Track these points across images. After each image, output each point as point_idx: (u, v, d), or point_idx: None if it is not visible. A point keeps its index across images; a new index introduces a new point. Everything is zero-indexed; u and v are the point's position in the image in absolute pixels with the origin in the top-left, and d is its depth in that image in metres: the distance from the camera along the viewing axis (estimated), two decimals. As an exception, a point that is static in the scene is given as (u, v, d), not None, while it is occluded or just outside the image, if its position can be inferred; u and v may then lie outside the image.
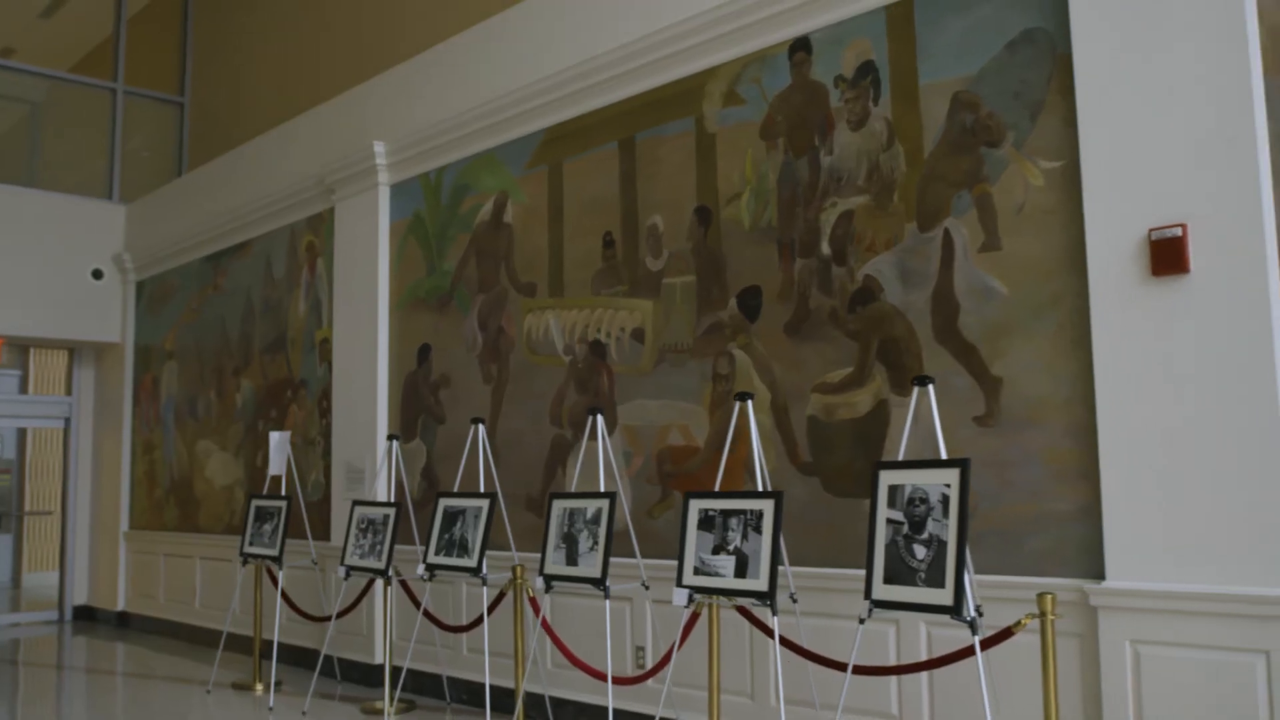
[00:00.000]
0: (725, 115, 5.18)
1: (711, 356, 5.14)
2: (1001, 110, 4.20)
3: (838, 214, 4.69)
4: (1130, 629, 3.66)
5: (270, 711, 6.30)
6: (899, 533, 3.66)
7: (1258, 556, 3.42)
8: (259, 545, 6.82)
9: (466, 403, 6.48)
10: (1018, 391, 4.08)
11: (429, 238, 6.87)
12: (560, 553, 4.87)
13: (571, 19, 5.96)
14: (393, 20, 8.50)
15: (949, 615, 3.46)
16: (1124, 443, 3.71)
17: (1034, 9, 4.13)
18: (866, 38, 4.65)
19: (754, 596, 4.00)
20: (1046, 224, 4.05)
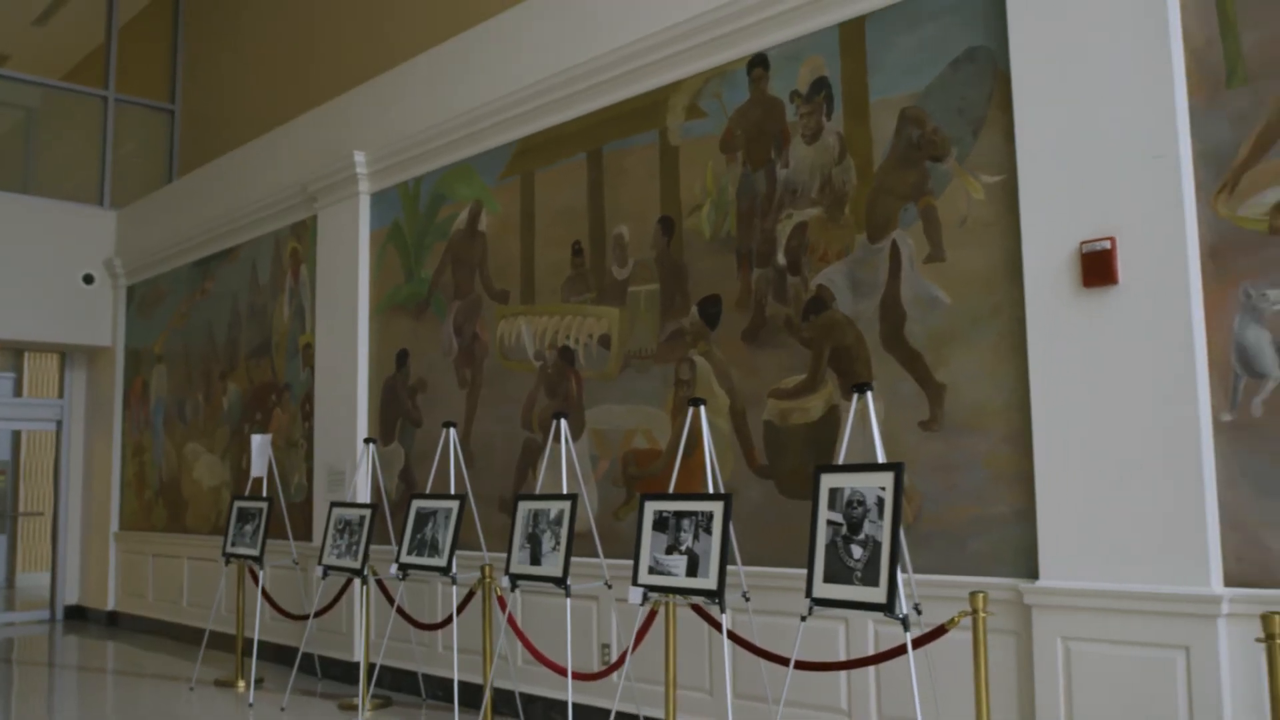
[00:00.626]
0: (688, 128, 5.34)
1: (674, 362, 5.29)
2: (946, 126, 4.35)
3: (792, 225, 4.84)
4: (1061, 626, 3.81)
5: (250, 708, 6.45)
6: (838, 533, 3.81)
7: (1179, 557, 3.57)
8: (241, 545, 6.97)
9: (442, 407, 6.64)
10: (960, 398, 4.23)
11: (407, 245, 7.03)
12: (525, 553, 5.03)
13: (542, 33, 6.12)
14: (376, 31, 8.66)
15: (882, 613, 3.61)
16: (1057, 448, 3.86)
17: (977, 28, 4.28)
18: (821, 55, 4.80)
19: (704, 595, 4.15)
20: (987, 236, 4.20)
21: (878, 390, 4.47)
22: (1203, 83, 3.70)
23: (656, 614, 4.68)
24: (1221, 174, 3.63)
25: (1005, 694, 3.99)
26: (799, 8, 4.83)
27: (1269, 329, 3.51)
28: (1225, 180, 3.63)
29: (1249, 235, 3.57)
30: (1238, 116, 3.62)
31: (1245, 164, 3.59)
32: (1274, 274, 3.51)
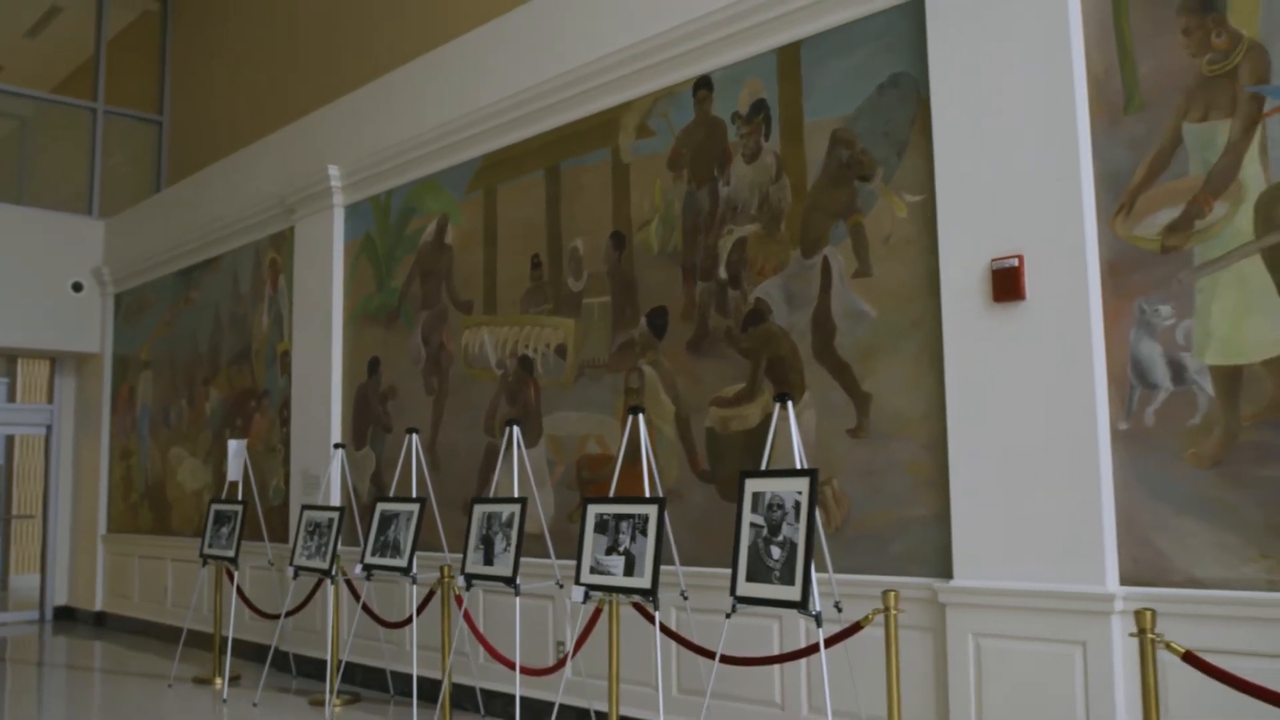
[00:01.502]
0: (638, 147, 5.56)
1: (624, 371, 5.51)
2: (873, 147, 4.57)
3: (733, 240, 5.07)
4: (972, 623, 4.03)
5: (224, 704, 6.67)
6: (760, 535, 4.03)
7: (1078, 557, 3.78)
8: (217, 547, 7.20)
9: (411, 413, 6.86)
10: (884, 407, 4.45)
11: (379, 257, 7.26)
12: (479, 554, 5.25)
13: (505, 54, 6.35)
14: (354, 47, 8.89)
15: (797, 610, 3.82)
16: (969, 455, 4.08)
17: (902, 55, 4.50)
18: (760, 78, 5.03)
19: (639, 593, 4.37)
20: (909, 253, 4.42)
21: (810, 399, 4.69)
22: (1103, 110, 3.92)
23: (601, 612, 4.90)
24: (1119, 196, 3.85)
25: (923, 686, 4.21)
26: (740, 33, 5.05)
27: (1160, 343, 3.73)
28: (1123, 202, 3.84)
29: (1144, 254, 3.79)
30: (1134, 142, 3.84)
31: (1140, 187, 3.81)
32: (1165, 291, 3.72)
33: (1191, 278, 3.68)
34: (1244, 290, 3.56)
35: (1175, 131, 3.75)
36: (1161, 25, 3.80)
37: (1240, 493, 3.52)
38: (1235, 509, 3.53)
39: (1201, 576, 3.59)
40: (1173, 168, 3.74)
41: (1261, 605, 3.43)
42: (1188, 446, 3.64)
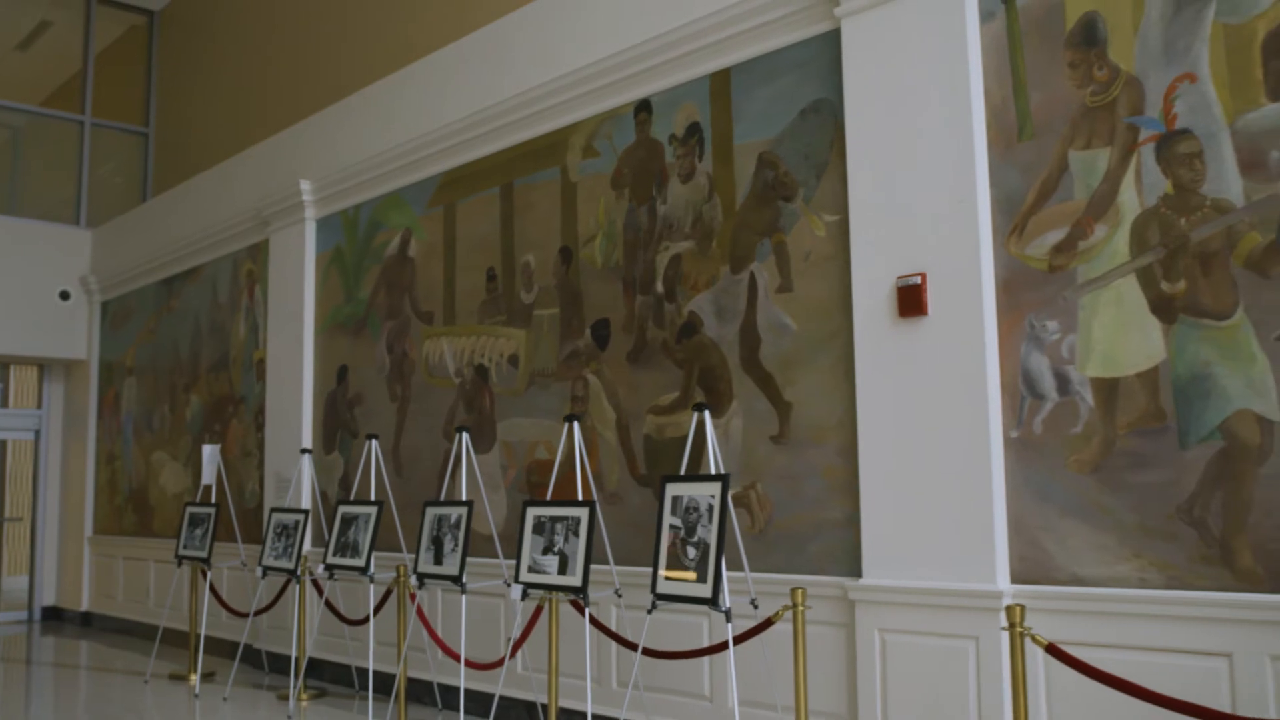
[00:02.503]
0: (584, 166, 5.83)
1: (570, 380, 5.78)
2: (795, 169, 4.84)
3: (669, 256, 5.33)
4: (878, 619, 4.28)
5: (196, 699, 6.93)
6: (678, 536, 4.29)
7: (972, 557, 4.04)
8: (191, 548, 7.47)
9: (376, 419, 7.13)
10: (804, 415, 4.71)
11: (347, 268, 7.53)
12: (430, 554, 5.51)
13: (464, 75, 6.62)
14: (326, 64, 9.16)
15: (708, 606, 4.08)
16: (877, 460, 4.34)
17: (822, 82, 4.76)
18: (694, 102, 5.29)
19: (571, 591, 4.63)
20: (827, 270, 4.68)
21: (738, 408, 4.95)
22: (999, 137, 4.18)
23: (542, 609, 5.16)
24: (1012, 218, 4.11)
25: (836, 679, 4.46)
26: (677, 59, 5.32)
27: (1048, 356, 3.98)
28: (1015, 223, 4.10)
29: (1034, 272, 4.04)
30: (1026, 167, 4.09)
31: (1031, 209, 4.07)
32: (1053, 307, 3.98)
33: (1075, 295, 3.93)
34: (1121, 307, 3.82)
35: (1062, 158, 4.01)
36: (1051, 59, 4.06)
37: (1116, 497, 3.77)
38: (1111, 512, 3.78)
39: (1082, 575, 3.84)
40: (1060, 192, 4.00)
41: (1133, 601, 3.68)
42: (1071, 453, 3.89)
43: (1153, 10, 3.82)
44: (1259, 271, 3.52)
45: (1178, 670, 3.57)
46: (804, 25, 4.81)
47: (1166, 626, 3.61)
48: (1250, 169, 3.57)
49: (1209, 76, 3.68)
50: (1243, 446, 3.51)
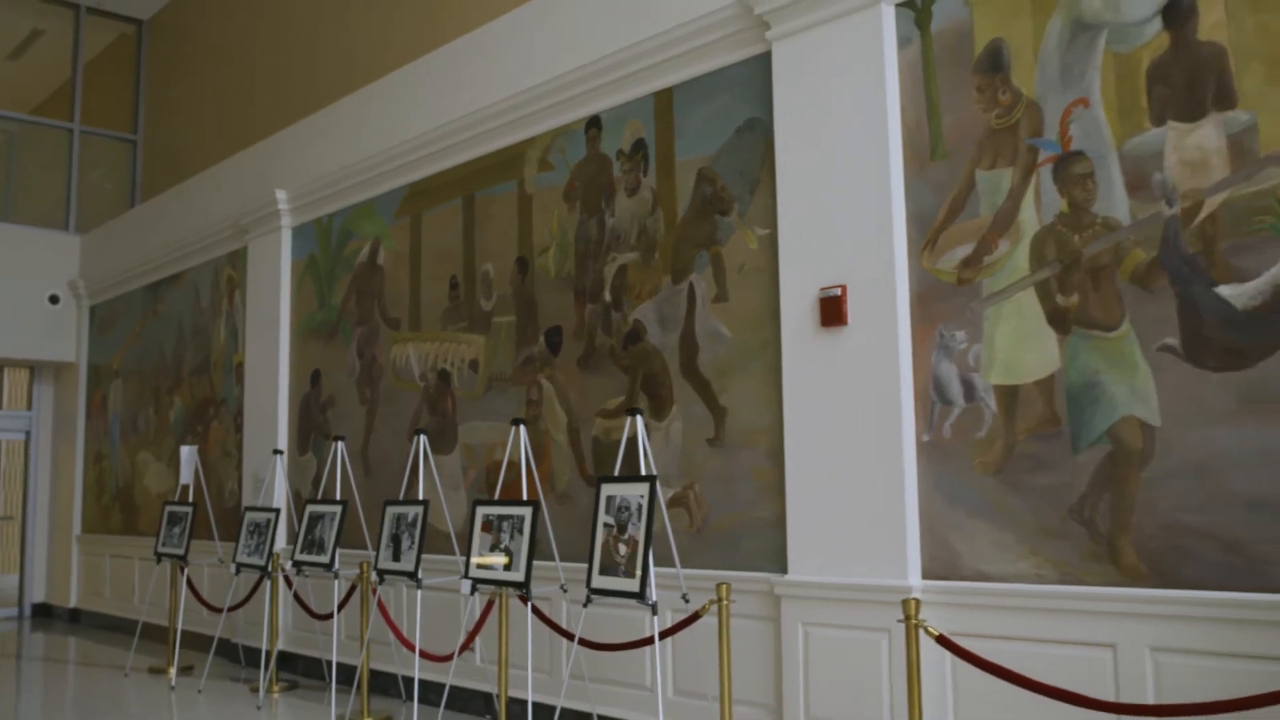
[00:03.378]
0: (539, 179, 6.07)
1: (525, 385, 6.02)
2: (731, 184, 5.07)
3: (616, 267, 5.57)
4: (802, 614, 4.52)
5: (172, 690, 7.19)
6: (611, 534, 4.53)
7: (886, 554, 4.27)
8: (170, 545, 7.72)
9: (347, 421, 7.38)
10: (738, 419, 4.94)
11: (321, 275, 7.78)
12: (389, 551, 5.75)
13: (428, 90, 6.86)
14: (303, 76, 9.41)
15: (635, 600, 4.32)
16: (801, 462, 4.57)
17: (755, 102, 5.00)
18: (640, 119, 5.53)
19: (514, 585, 4.87)
20: (758, 281, 4.91)
21: (678, 412, 5.19)
22: (914, 156, 4.41)
23: (493, 604, 5.40)
24: (925, 233, 4.34)
25: (764, 669, 4.69)
26: (624, 77, 5.55)
27: (956, 364, 4.22)
28: (928, 239, 4.34)
29: (944, 285, 4.28)
30: (938, 186, 4.33)
31: (942, 225, 4.31)
32: (961, 318, 4.21)
33: (980, 307, 4.17)
34: (1021, 319, 4.05)
35: (970, 177, 4.24)
36: (960, 83, 4.29)
37: (1016, 497, 4.01)
38: (1011, 512, 4.02)
39: (986, 571, 4.07)
40: (968, 209, 4.23)
41: (1030, 596, 3.91)
42: (976, 456, 4.13)
43: (1051, 38, 4.06)
44: (1143, 286, 3.75)
45: (1069, 660, 3.80)
46: (738, 48, 5.04)
47: (1059, 620, 3.84)
48: (1136, 189, 3.80)
49: (1100, 102, 3.91)
50: (1127, 450, 3.74)
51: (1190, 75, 3.70)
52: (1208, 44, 3.67)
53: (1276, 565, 3.39)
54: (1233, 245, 3.56)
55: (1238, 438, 3.50)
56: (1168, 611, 3.59)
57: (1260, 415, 3.46)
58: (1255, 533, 3.44)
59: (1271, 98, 3.53)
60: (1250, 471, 3.46)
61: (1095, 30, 3.94)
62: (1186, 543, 3.59)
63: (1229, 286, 3.57)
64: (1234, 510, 3.49)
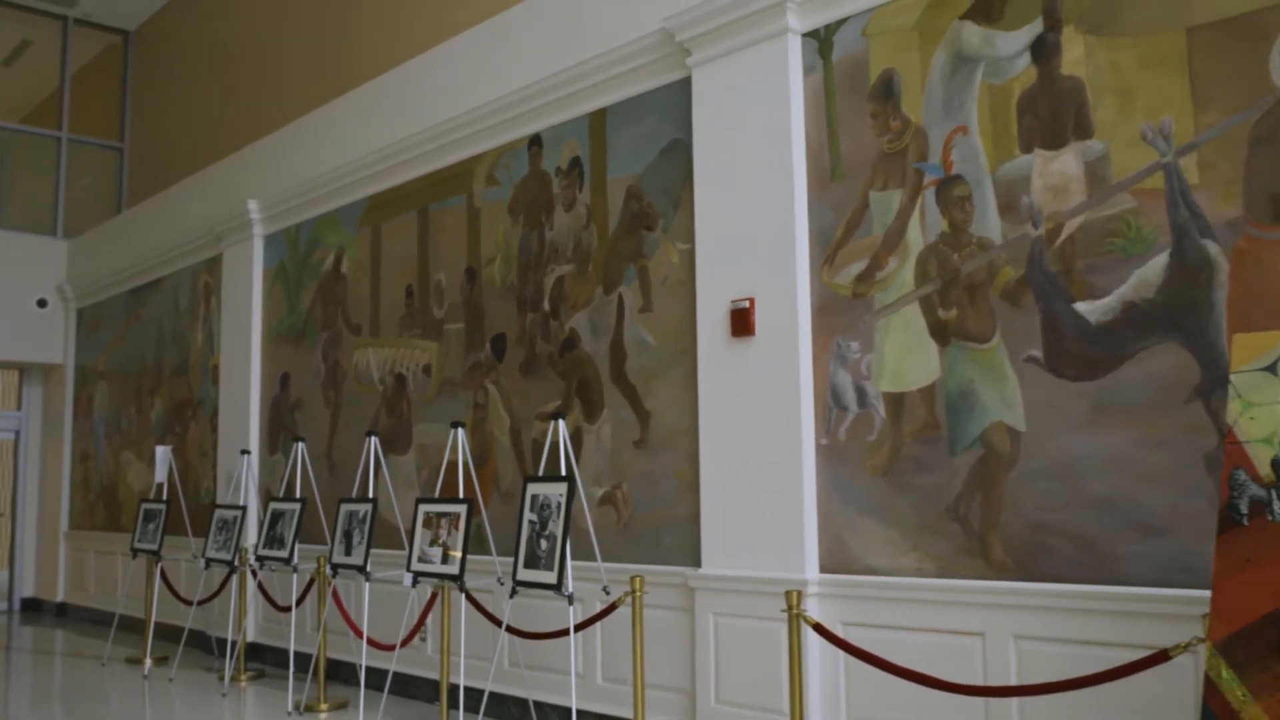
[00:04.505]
0: (487, 194, 6.39)
1: (473, 389, 6.34)
2: (656, 202, 5.39)
3: (554, 278, 5.89)
4: (712, 604, 4.83)
5: (145, 679, 7.53)
6: (534, 530, 4.85)
7: (787, 549, 4.58)
8: (144, 541, 8.06)
9: (314, 423, 7.70)
10: (661, 423, 5.26)
11: (289, 283, 8.11)
12: (342, 546, 6.08)
13: (387, 106, 7.19)
14: (276, 88, 9.73)
15: (554, 591, 4.64)
16: (713, 463, 4.88)
17: (678, 124, 5.31)
18: (576, 138, 5.84)
19: (450, 579, 5.19)
20: (680, 293, 5.23)
21: (609, 415, 5.50)
22: (816, 177, 4.72)
23: (437, 595, 5.72)
24: (825, 250, 4.65)
25: (680, 656, 5.01)
26: (562, 99, 5.87)
27: (851, 373, 4.52)
28: (828, 255, 4.64)
29: (841, 299, 4.58)
30: (837, 205, 4.63)
31: (840, 243, 4.61)
32: (855, 330, 4.52)
33: (872, 320, 4.47)
34: (907, 331, 4.36)
35: (864, 198, 4.55)
36: (857, 109, 4.60)
37: (901, 497, 4.32)
38: (897, 510, 4.33)
39: (874, 565, 4.38)
40: (862, 228, 4.54)
41: (911, 589, 4.22)
42: (867, 458, 4.44)
43: (936, 70, 4.36)
44: (1012, 301, 4.06)
45: (945, 647, 4.11)
46: (663, 73, 5.36)
47: (937, 610, 4.15)
48: (1006, 211, 4.10)
49: (977, 129, 4.22)
50: (997, 454, 4.05)
51: (1054, 107, 4.01)
52: (1069, 78, 3.98)
53: (1123, 560, 3.69)
54: (1088, 265, 3.87)
55: (1091, 443, 3.80)
56: (1028, 603, 3.90)
57: (1110, 422, 3.76)
58: (1105, 530, 3.75)
59: (1122, 129, 3.83)
60: (1101, 474, 3.77)
61: (974, 63, 4.25)
62: (1046, 539, 3.90)
63: (1085, 303, 3.87)
64: (1087, 509, 3.80)
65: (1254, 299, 3.51)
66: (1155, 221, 3.73)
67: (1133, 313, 3.76)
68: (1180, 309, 3.65)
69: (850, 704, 4.39)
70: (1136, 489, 3.68)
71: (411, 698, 6.49)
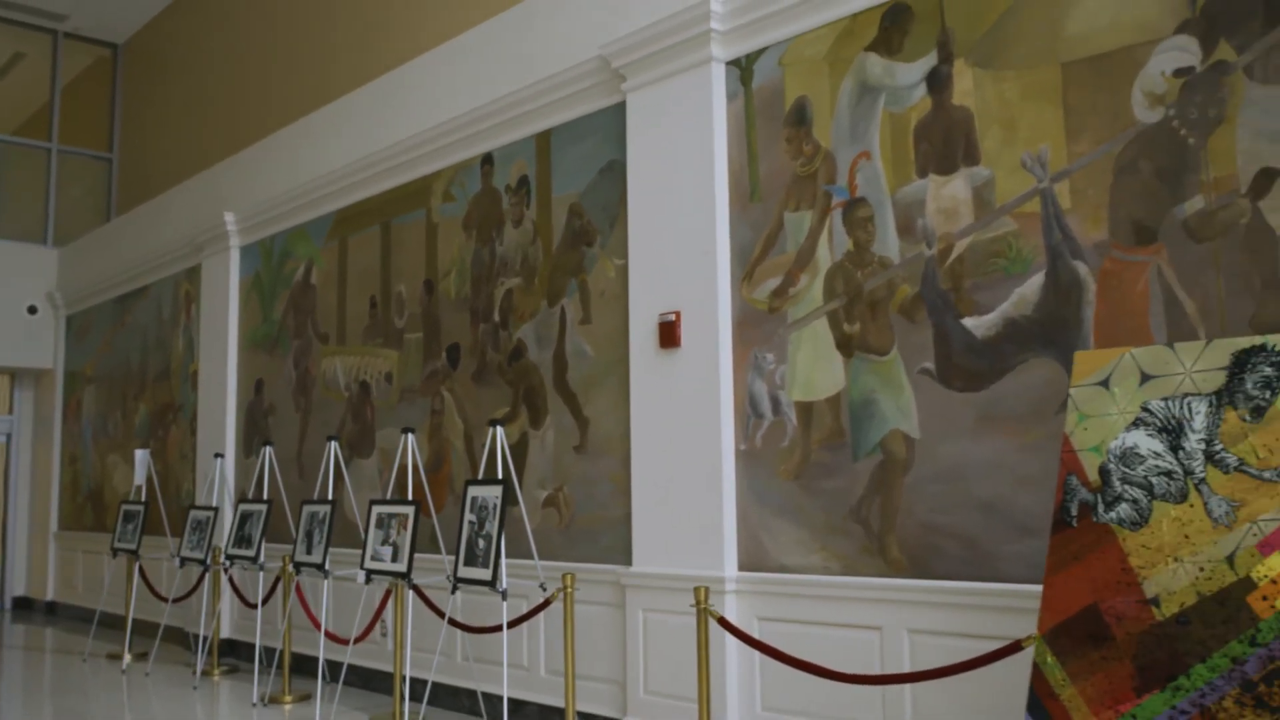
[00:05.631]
0: (444, 209, 6.69)
1: (431, 396, 6.64)
2: (595, 219, 5.68)
3: (504, 291, 6.18)
4: (642, 601, 5.12)
5: (123, 674, 7.84)
6: (473, 530, 5.14)
7: (709, 549, 4.86)
8: (124, 541, 8.38)
9: (285, 428, 8.01)
10: (598, 429, 5.55)
11: (264, 292, 8.42)
12: (304, 545, 6.38)
13: (353, 124, 7.49)
14: (254, 103, 10.04)
15: (489, 587, 4.93)
16: (644, 468, 5.17)
17: (615, 145, 5.60)
18: (524, 158, 6.14)
19: (400, 576, 5.49)
20: (616, 306, 5.52)
21: (552, 421, 5.79)
22: (737, 198, 5.00)
23: (391, 592, 6.02)
24: (745, 267, 4.93)
25: (612, 650, 5.29)
26: (511, 119, 6.16)
27: (767, 383, 4.81)
28: (747, 271, 4.93)
29: (759, 313, 4.87)
30: (755, 224, 4.92)
31: (758, 260, 4.90)
32: (771, 343, 4.80)
33: (786, 333, 4.76)
34: (816, 344, 4.64)
35: (780, 218, 4.83)
36: (774, 134, 4.89)
37: (810, 500, 4.60)
38: (806, 512, 4.61)
39: (787, 564, 4.67)
40: (778, 246, 4.83)
41: (819, 586, 4.50)
42: (780, 463, 4.72)
43: (843, 98, 4.65)
44: (908, 317, 4.34)
45: (850, 640, 4.39)
46: (601, 97, 5.65)
47: (840, 606, 4.43)
48: (904, 232, 4.39)
49: (879, 154, 4.50)
50: (894, 460, 4.33)
51: (946, 134, 4.29)
52: (960, 108, 4.26)
53: (1002, 559, 3.97)
54: (975, 283, 4.15)
55: (976, 449, 4.08)
56: (920, 599, 4.18)
57: (993, 430, 4.04)
58: (987, 531, 4.03)
59: (1005, 157, 4.11)
60: (984, 479, 4.05)
61: (876, 92, 4.53)
62: (936, 539, 4.18)
63: (971, 319, 4.15)
64: (972, 512, 4.08)
65: (1117, 316, 3.79)
66: (1033, 243, 4.01)
67: (1013, 328, 4.04)
68: (1054, 325, 3.93)
69: (764, 694, 4.67)
70: (1015, 493, 3.96)
71: (375, 690, 6.78)
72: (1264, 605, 2.68)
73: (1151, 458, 3.02)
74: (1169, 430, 3.01)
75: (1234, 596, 2.73)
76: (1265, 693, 2.62)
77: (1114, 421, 3.13)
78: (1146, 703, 2.77)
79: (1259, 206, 3.51)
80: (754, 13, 4.89)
